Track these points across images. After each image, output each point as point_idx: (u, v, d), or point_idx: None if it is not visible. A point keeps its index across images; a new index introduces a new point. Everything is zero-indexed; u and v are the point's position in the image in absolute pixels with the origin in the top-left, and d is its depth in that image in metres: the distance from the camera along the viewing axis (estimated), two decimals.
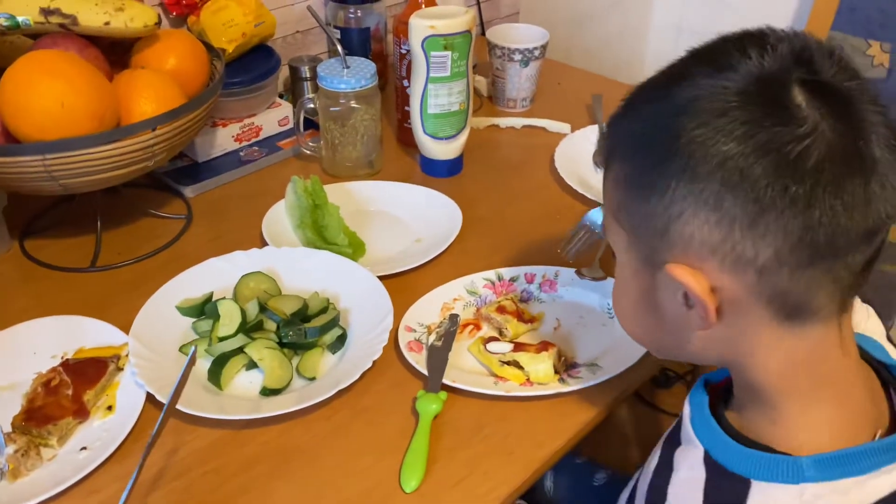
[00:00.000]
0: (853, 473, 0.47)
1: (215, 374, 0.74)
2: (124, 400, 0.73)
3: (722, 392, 0.57)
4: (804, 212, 0.43)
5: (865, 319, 0.62)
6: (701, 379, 0.58)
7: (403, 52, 1.08)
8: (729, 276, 0.46)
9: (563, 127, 1.20)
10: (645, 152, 0.48)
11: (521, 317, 0.82)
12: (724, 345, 0.51)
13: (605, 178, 0.53)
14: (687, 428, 0.56)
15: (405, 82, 1.09)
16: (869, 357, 0.55)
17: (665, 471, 0.57)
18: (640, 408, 1.60)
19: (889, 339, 0.61)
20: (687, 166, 0.45)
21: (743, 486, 0.49)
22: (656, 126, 0.47)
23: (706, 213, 0.45)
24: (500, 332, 0.81)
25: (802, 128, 0.42)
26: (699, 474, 0.52)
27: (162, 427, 0.64)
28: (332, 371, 0.77)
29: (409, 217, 1.00)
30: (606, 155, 0.53)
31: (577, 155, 1.13)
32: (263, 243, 0.93)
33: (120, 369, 0.76)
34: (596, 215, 0.87)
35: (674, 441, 0.58)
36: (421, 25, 0.97)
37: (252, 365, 0.76)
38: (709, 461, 0.52)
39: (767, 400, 0.51)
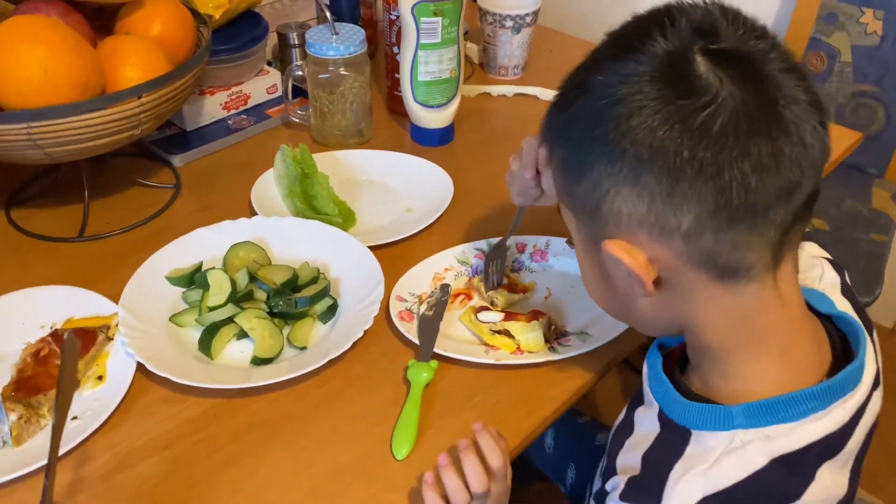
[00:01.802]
0: (782, 420, 0.50)
1: (206, 343, 0.74)
2: (114, 370, 0.73)
3: (680, 356, 0.60)
4: (715, 177, 0.45)
5: (821, 274, 0.63)
6: (655, 341, 0.62)
7: (393, 17, 1.06)
8: (659, 245, 0.49)
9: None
10: (573, 137, 0.51)
11: (512, 288, 0.82)
12: (670, 310, 0.53)
13: (550, 164, 0.57)
14: (645, 387, 0.59)
15: (395, 49, 1.07)
16: (816, 311, 0.57)
17: (626, 427, 0.60)
18: (627, 373, 1.62)
19: (845, 289, 0.63)
20: (605, 147, 0.48)
21: (685, 436, 0.53)
22: (581, 113, 0.50)
23: (627, 189, 0.48)
24: (492, 302, 0.81)
25: (705, 96, 0.45)
26: (654, 429, 0.56)
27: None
28: (323, 341, 0.77)
29: (399, 186, 0.99)
30: (549, 144, 0.56)
31: None
32: (252, 213, 0.92)
33: (110, 339, 0.75)
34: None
35: (637, 400, 0.61)
36: None
37: (243, 334, 0.76)
38: (661, 417, 0.56)
39: (716, 357, 0.54)
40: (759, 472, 0.49)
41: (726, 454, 0.50)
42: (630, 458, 0.57)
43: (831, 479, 0.52)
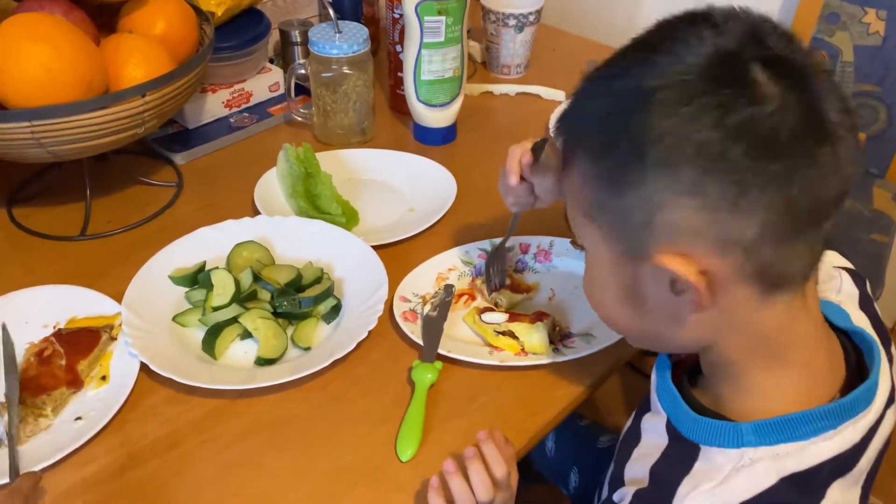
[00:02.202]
0: (792, 439, 0.49)
1: (210, 343, 0.74)
2: (118, 370, 0.73)
3: (689, 367, 0.59)
4: (784, 186, 0.44)
5: (839, 286, 0.63)
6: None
7: (396, 16, 1.06)
8: (717, 257, 0.46)
9: (557, 94, 1.19)
10: (612, 147, 0.47)
11: (515, 288, 0.82)
12: (701, 328, 0.51)
13: (568, 175, 0.52)
14: (653, 396, 0.59)
15: (398, 47, 1.07)
16: (831, 324, 0.57)
17: (633, 435, 0.60)
18: (629, 375, 1.62)
19: (864, 302, 0.62)
20: (662, 157, 0.44)
21: (693, 451, 0.52)
22: (620, 119, 0.46)
23: (688, 199, 0.45)
24: (495, 304, 0.81)
25: (770, 105, 0.43)
26: (662, 440, 0.55)
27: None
28: (327, 341, 0.76)
29: (402, 186, 0.99)
30: (566, 152, 0.52)
31: None
32: (255, 212, 0.92)
33: (113, 339, 0.75)
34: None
35: (644, 408, 0.61)
36: None
37: (246, 335, 0.76)
38: (670, 428, 0.55)
39: (734, 372, 0.53)
40: (768, 491, 0.48)
41: (735, 472, 0.49)
42: (637, 470, 0.56)
43: (842, 497, 0.51)
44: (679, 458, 0.53)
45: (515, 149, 0.73)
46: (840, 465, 0.50)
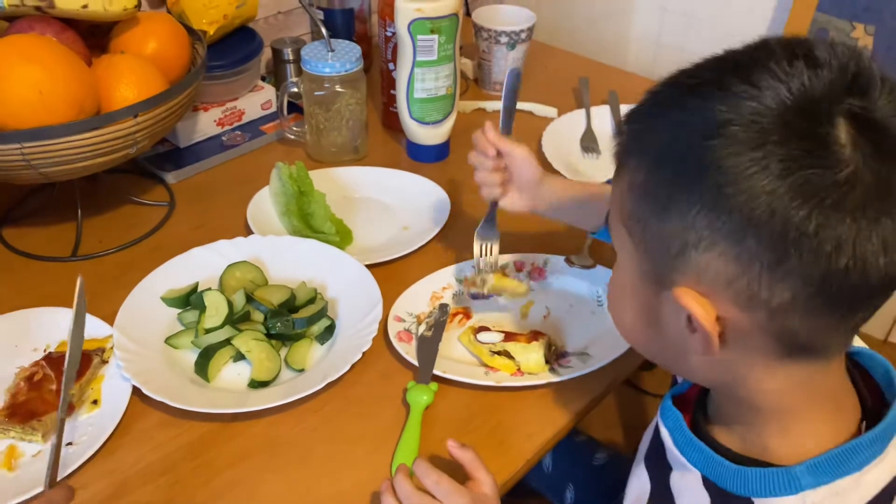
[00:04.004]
0: (847, 472, 0.47)
1: (202, 366, 0.73)
2: (110, 394, 0.72)
3: (695, 405, 0.56)
4: (830, 258, 0.40)
5: None
6: (667, 397, 0.57)
7: (389, 34, 1.06)
8: (739, 310, 0.44)
9: (549, 111, 1.19)
10: (667, 167, 0.44)
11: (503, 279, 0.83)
12: (722, 368, 0.49)
13: (618, 176, 0.50)
14: (673, 451, 0.55)
15: (391, 65, 1.07)
16: None
17: (662, 499, 0.56)
18: (623, 389, 1.62)
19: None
20: (713, 195, 0.42)
21: None
22: (683, 142, 0.43)
23: (726, 245, 0.42)
24: (481, 282, 0.81)
25: (843, 172, 0.39)
26: (703, 499, 0.52)
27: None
28: (321, 362, 0.76)
29: (395, 204, 0.99)
30: (622, 152, 0.49)
31: (564, 140, 1.12)
32: (248, 231, 0.91)
33: (105, 362, 0.74)
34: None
35: (661, 464, 0.57)
36: (407, 8, 0.95)
37: (239, 357, 0.76)
38: (708, 484, 0.52)
39: (763, 415, 0.50)
40: None
41: None
42: None
43: None
44: None
45: (481, 132, 0.79)
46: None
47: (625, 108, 1.16)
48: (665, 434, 0.55)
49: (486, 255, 0.83)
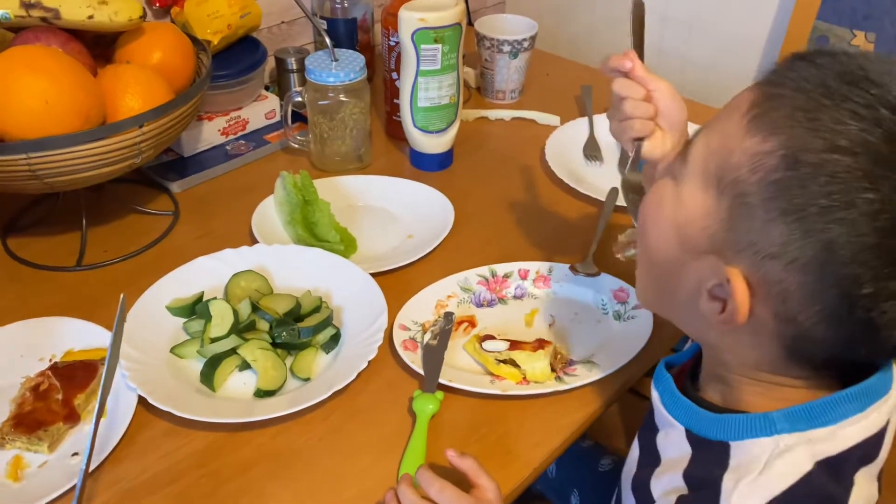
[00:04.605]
0: (823, 423, 0.49)
1: (208, 376, 0.73)
2: (115, 403, 0.71)
3: (688, 375, 0.59)
4: (881, 333, 0.45)
5: None
6: (661, 363, 0.60)
7: (392, 43, 1.06)
8: (771, 315, 0.47)
9: (552, 119, 1.19)
10: (812, 183, 0.43)
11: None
12: (716, 333, 0.52)
13: (716, 121, 0.49)
14: (661, 411, 0.57)
15: (394, 74, 1.08)
16: None
17: (650, 459, 0.58)
18: (627, 396, 1.61)
19: None
20: (803, 223, 0.43)
21: (724, 449, 0.51)
22: (826, 143, 0.42)
23: (800, 266, 0.44)
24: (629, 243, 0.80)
25: None
26: (685, 451, 0.54)
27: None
28: (327, 371, 0.76)
29: (400, 212, 0.99)
30: (737, 105, 0.48)
31: (567, 148, 1.13)
32: (253, 240, 0.92)
33: None
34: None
35: (651, 428, 0.59)
36: (411, 18, 0.96)
37: (245, 366, 0.76)
38: (691, 437, 0.54)
39: (745, 380, 0.53)
40: (806, 477, 0.48)
41: (773, 459, 0.49)
42: (669, 481, 0.55)
43: (867, 487, 0.51)
44: (711, 459, 0.52)
45: (613, 58, 0.68)
46: (866, 453, 0.50)
47: None
48: (655, 396, 0.58)
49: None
